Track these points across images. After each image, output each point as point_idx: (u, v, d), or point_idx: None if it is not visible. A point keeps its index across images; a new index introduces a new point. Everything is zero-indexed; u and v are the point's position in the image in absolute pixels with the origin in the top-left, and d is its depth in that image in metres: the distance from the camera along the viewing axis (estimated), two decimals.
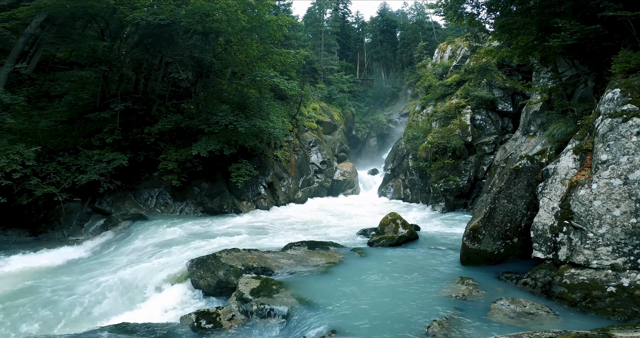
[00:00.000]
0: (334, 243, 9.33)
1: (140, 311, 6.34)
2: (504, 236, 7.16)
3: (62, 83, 14.31)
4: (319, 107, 28.02)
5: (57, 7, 11.54)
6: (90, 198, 12.72)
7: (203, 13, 13.35)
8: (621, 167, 5.53)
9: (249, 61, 16.49)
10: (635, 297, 4.83)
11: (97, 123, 13.07)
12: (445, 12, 11.94)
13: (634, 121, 5.60)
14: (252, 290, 5.98)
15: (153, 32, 13.73)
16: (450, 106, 18.53)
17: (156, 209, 13.73)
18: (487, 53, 14.23)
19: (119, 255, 9.15)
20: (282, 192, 18.47)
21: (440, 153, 17.14)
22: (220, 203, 14.55)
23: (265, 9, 15.64)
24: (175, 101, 17.15)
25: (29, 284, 7.33)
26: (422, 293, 5.94)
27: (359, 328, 4.77)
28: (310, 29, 41.39)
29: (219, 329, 5.25)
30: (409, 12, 50.31)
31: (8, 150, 10.12)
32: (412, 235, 9.92)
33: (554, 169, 6.70)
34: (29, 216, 11.54)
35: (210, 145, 13.56)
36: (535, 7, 9.28)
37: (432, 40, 39.62)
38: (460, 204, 16.40)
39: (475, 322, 4.84)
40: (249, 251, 7.97)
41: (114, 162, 12.31)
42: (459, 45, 23.91)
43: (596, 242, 5.51)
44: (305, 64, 27.55)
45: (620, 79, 6.46)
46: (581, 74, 9.83)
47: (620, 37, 7.65)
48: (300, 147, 22.22)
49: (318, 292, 6.02)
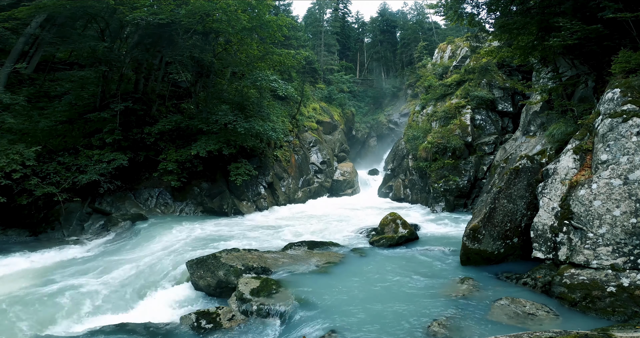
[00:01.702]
0: (334, 243, 9.33)
1: (140, 311, 6.34)
2: (504, 236, 7.16)
3: (62, 83, 14.31)
4: (319, 107, 28.02)
5: (57, 7, 11.53)
6: (90, 198, 12.71)
7: (203, 13, 13.34)
8: (621, 167, 5.53)
9: (249, 61, 16.49)
10: (635, 297, 4.83)
11: (97, 123, 13.07)
12: (445, 13, 11.94)
13: (634, 121, 5.60)
14: (252, 290, 5.98)
15: (153, 32, 13.73)
16: (450, 106, 18.53)
17: (156, 210, 13.73)
18: (487, 53, 14.22)
19: (119, 255, 9.14)
20: (282, 192, 18.46)
21: (440, 153, 17.14)
22: (220, 203, 14.55)
23: (265, 9, 15.63)
24: (175, 101, 17.15)
25: (29, 284, 7.32)
26: (422, 293, 5.95)
27: (359, 328, 4.77)
28: (310, 29, 41.38)
29: (219, 329, 5.25)
30: (409, 12, 50.35)
31: (8, 150, 10.11)
32: (412, 235, 9.92)
33: (554, 169, 6.69)
34: (29, 216, 11.53)
35: (210, 145, 13.57)
36: (535, 7, 9.28)
37: (432, 41, 39.62)
38: (460, 204, 16.40)
39: (475, 322, 4.84)
40: (249, 251, 7.97)
41: (114, 162, 12.31)
42: (459, 45, 23.90)
43: (596, 242, 5.51)
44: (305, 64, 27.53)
45: (620, 79, 6.46)
46: (581, 74, 9.82)
47: (620, 37, 7.65)
48: (300, 147, 22.22)
49: (318, 292, 6.02)
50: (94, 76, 14.28)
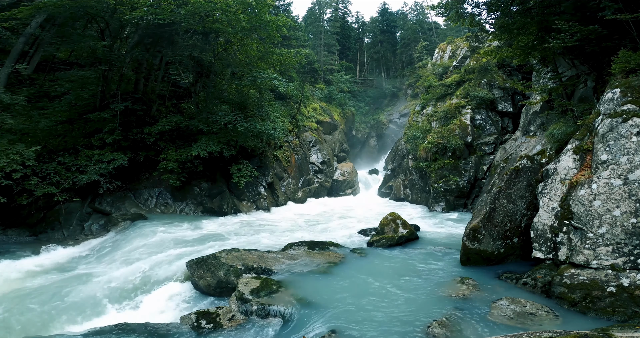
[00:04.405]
0: (334, 243, 9.33)
1: (140, 311, 6.34)
2: (504, 236, 7.16)
3: (62, 83, 14.30)
4: (319, 107, 28.02)
5: (57, 7, 11.53)
6: (90, 198, 12.71)
7: (203, 13, 13.35)
8: (621, 167, 5.53)
9: (249, 61, 16.49)
10: (635, 297, 4.83)
11: (97, 123, 13.07)
12: (446, 13, 11.94)
13: (634, 121, 5.60)
14: (252, 290, 5.98)
15: (153, 32, 13.73)
16: (450, 106, 18.54)
17: (156, 209, 13.73)
18: (487, 53, 14.22)
19: (119, 255, 9.13)
20: (282, 192, 18.46)
21: (440, 153, 17.15)
22: (220, 203, 14.55)
23: (266, 9, 15.64)
24: (175, 101, 17.15)
25: (29, 284, 7.32)
26: (422, 293, 5.95)
27: (359, 328, 4.77)
28: (310, 29, 41.40)
29: (219, 329, 5.25)
30: (409, 12, 50.30)
31: (8, 150, 10.11)
32: (412, 235, 9.92)
33: (554, 169, 6.69)
34: (29, 216, 11.53)
35: (210, 146, 13.56)
36: (535, 7, 9.28)
37: (432, 41, 39.65)
38: (460, 204, 16.40)
39: (475, 322, 4.84)
40: (249, 251, 7.97)
41: (114, 162, 12.31)
42: (459, 45, 23.91)
43: (596, 242, 5.51)
44: (306, 64, 27.54)
45: (620, 79, 6.46)
46: (581, 74, 9.82)
47: (620, 37, 7.65)
48: (300, 147, 22.22)
49: (318, 292, 6.02)
50: (94, 75, 14.28)
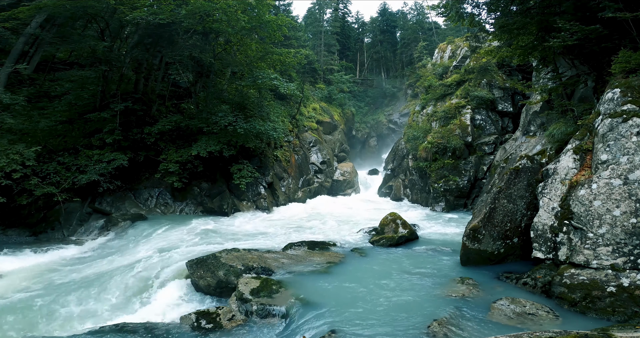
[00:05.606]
0: (334, 243, 9.33)
1: (140, 311, 6.34)
2: (504, 236, 7.16)
3: (62, 83, 14.30)
4: (318, 107, 28.01)
5: (57, 7, 11.53)
6: (90, 198, 12.71)
7: (203, 13, 13.34)
8: (621, 167, 5.53)
9: (248, 61, 16.49)
10: (635, 297, 4.83)
11: (97, 123, 13.06)
12: (446, 13, 11.95)
13: (634, 121, 5.60)
14: (252, 290, 5.98)
15: (153, 32, 13.73)
16: (450, 106, 18.53)
17: (156, 209, 13.73)
18: (487, 53, 14.22)
19: (119, 255, 9.14)
20: (282, 192, 18.46)
21: (440, 153, 17.14)
22: (220, 203, 14.55)
23: (265, 9, 15.63)
24: (175, 101, 17.14)
25: (29, 284, 7.32)
26: (422, 293, 5.94)
27: (358, 328, 4.77)
28: (310, 29, 41.40)
29: (219, 329, 5.25)
30: (409, 12, 50.33)
31: (8, 150, 10.10)
32: (412, 235, 9.92)
33: (554, 169, 6.69)
34: (29, 216, 11.52)
35: (210, 146, 13.56)
36: (535, 7, 9.28)
37: (432, 41, 39.64)
38: (460, 204, 16.40)
39: (475, 322, 4.84)
40: (249, 251, 7.97)
41: (114, 162, 12.31)
42: (459, 45, 23.90)
43: (596, 242, 5.51)
44: (306, 64, 27.54)
45: (620, 79, 6.46)
46: (581, 74, 9.82)
47: (620, 37, 7.65)
48: (300, 147, 22.22)
49: (318, 292, 6.02)
50: (94, 75, 14.28)
